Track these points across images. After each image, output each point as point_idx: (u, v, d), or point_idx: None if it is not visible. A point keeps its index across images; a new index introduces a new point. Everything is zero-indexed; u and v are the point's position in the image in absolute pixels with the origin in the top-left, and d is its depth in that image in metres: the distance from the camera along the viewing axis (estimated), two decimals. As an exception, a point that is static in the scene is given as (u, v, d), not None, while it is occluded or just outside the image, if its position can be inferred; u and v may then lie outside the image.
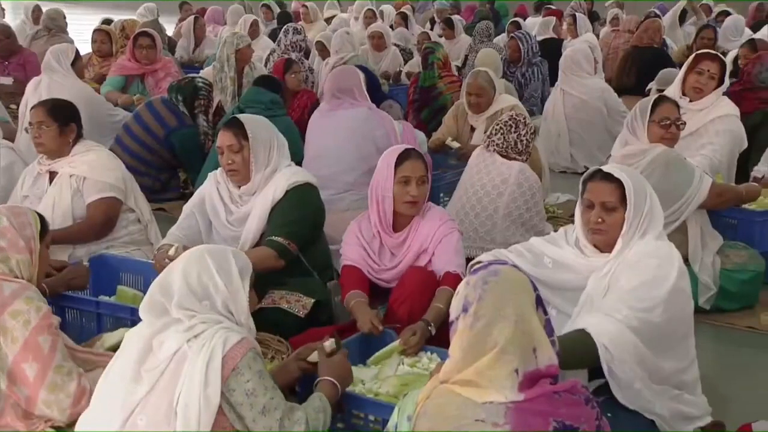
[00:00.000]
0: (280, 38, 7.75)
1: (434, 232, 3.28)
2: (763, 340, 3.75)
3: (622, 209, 2.70)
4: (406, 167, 3.26)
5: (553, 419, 1.91)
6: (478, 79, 5.45)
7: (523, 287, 2.00)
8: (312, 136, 5.06)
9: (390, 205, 3.30)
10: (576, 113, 6.70)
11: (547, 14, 11.17)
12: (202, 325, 2.23)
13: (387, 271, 3.34)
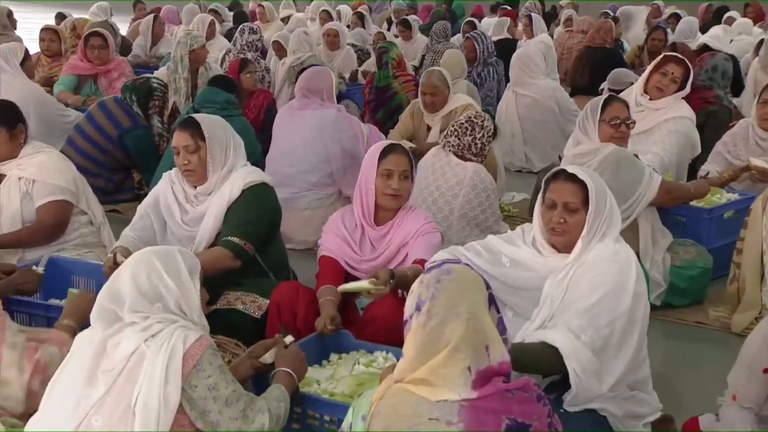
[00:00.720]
0: (236, 38, 7.70)
1: (417, 229, 3.30)
2: (712, 335, 3.83)
3: (584, 211, 2.70)
4: (390, 160, 3.28)
5: (506, 417, 1.93)
6: (432, 78, 5.48)
7: (475, 286, 2.02)
8: (279, 133, 5.11)
9: (372, 197, 3.31)
10: (529, 113, 6.77)
11: (503, 15, 11.27)
12: (159, 324, 2.22)
13: (366, 262, 3.34)
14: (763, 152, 4.66)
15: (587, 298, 2.60)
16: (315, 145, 4.93)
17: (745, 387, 2.54)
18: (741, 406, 2.53)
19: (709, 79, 5.62)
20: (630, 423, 2.73)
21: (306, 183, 4.94)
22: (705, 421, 2.63)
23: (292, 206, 4.91)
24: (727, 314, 3.86)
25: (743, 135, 4.78)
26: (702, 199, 4.41)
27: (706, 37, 7.70)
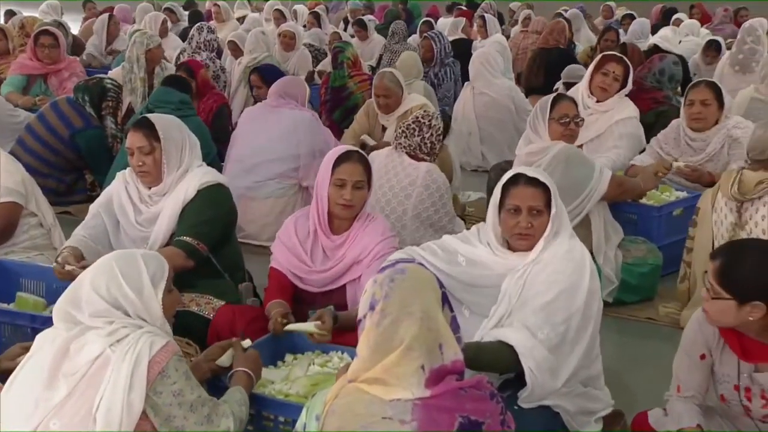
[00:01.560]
0: (192, 36, 7.63)
1: (373, 247, 3.17)
2: (662, 331, 3.90)
3: (546, 212, 2.73)
4: (343, 170, 3.16)
5: (459, 415, 1.95)
6: (384, 80, 5.50)
7: (428, 285, 2.03)
8: (251, 127, 5.17)
9: (325, 206, 3.21)
10: (486, 112, 6.83)
11: (458, 15, 11.35)
12: (125, 329, 2.21)
13: (317, 273, 3.23)
14: (693, 152, 4.77)
15: (543, 296, 2.63)
16: (287, 140, 5.04)
17: (686, 375, 2.59)
18: (685, 397, 2.58)
19: (657, 81, 5.74)
20: (582, 419, 2.77)
21: (270, 172, 5.02)
22: (654, 415, 2.67)
23: (255, 194, 5.01)
24: (677, 310, 3.93)
25: (674, 135, 4.87)
26: (651, 196, 4.49)
27: (656, 38, 7.85)
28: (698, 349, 2.56)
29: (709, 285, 2.40)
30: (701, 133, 4.74)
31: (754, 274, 2.33)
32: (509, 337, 2.61)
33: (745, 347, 2.44)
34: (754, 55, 6.75)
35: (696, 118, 4.71)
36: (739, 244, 2.58)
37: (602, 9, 13.14)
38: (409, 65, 6.92)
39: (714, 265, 2.39)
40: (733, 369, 2.49)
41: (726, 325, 2.43)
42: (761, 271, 2.34)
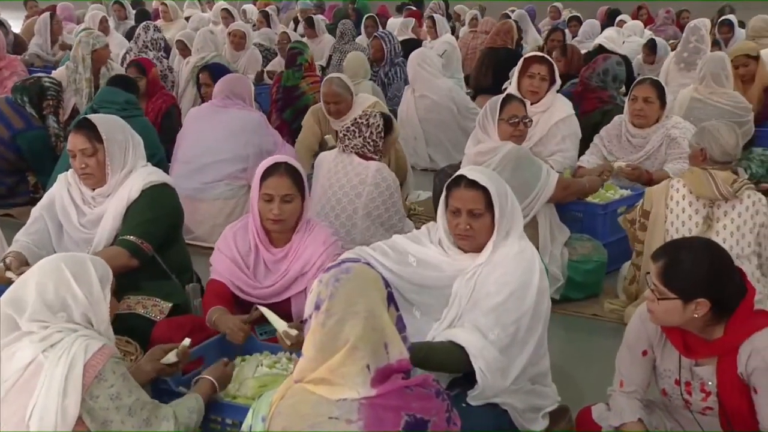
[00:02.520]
0: (139, 35, 7.53)
1: (316, 259, 3.12)
2: (607, 327, 3.95)
3: (488, 214, 2.74)
4: (270, 184, 3.08)
5: (405, 413, 1.96)
6: (333, 86, 5.46)
7: (374, 284, 2.03)
8: (198, 127, 5.11)
9: (258, 221, 3.15)
10: (428, 114, 6.86)
11: (408, 15, 11.38)
12: (59, 334, 2.17)
13: (261, 288, 3.17)
14: (633, 149, 4.87)
15: (494, 297, 2.65)
16: (235, 141, 5.01)
17: (628, 370, 2.63)
18: (628, 392, 2.62)
19: (602, 81, 5.84)
20: (530, 416, 2.80)
21: (219, 173, 4.99)
22: (597, 410, 2.71)
23: (203, 196, 4.98)
24: (622, 307, 3.99)
25: (617, 131, 4.98)
26: (596, 194, 4.56)
27: (601, 38, 7.98)
28: (640, 345, 2.61)
29: (653, 286, 2.43)
30: (642, 131, 4.85)
31: (695, 272, 2.38)
32: (460, 338, 2.62)
33: (687, 343, 2.48)
34: (698, 54, 6.91)
35: (638, 114, 4.81)
36: (678, 243, 2.61)
37: (550, 10, 13.32)
38: (356, 65, 6.92)
39: (657, 267, 2.43)
40: (674, 364, 2.54)
41: (672, 324, 2.46)
42: (701, 268, 2.38)
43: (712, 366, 2.47)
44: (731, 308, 2.41)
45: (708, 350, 2.46)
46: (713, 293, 2.37)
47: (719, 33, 9.30)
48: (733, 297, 2.41)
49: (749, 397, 2.41)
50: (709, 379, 2.48)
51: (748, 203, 3.59)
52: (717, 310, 2.39)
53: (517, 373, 2.68)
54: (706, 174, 3.63)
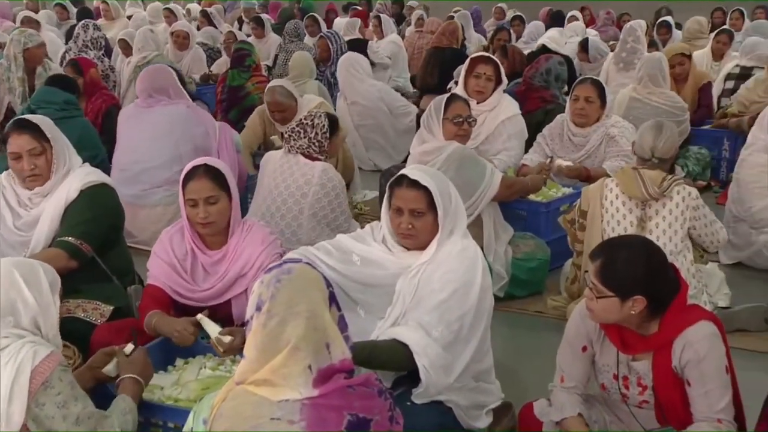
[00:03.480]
0: (78, 34, 7.39)
1: (255, 259, 3.09)
2: (550, 323, 4.01)
3: (430, 213, 2.74)
4: (191, 188, 3.04)
5: (348, 413, 1.96)
6: (276, 96, 5.44)
7: (315, 284, 2.03)
8: (126, 131, 5.00)
9: (189, 225, 3.12)
10: (362, 120, 6.89)
11: (354, 15, 11.39)
12: (5, 339, 2.13)
13: (200, 291, 3.13)
14: (575, 147, 4.97)
15: (438, 294, 2.66)
16: (166, 142, 4.90)
17: (569, 366, 2.68)
18: (568, 387, 2.67)
19: (544, 81, 5.93)
20: (474, 413, 2.83)
21: (157, 179, 4.91)
22: (538, 406, 2.74)
23: (143, 203, 4.90)
24: (564, 303, 4.05)
25: (559, 130, 5.07)
26: (540, 193, 4.63)
27: (544, 39, 8.11)
28: (580, 342, 2.65)
29: (591, 285, 2.48)
30: (583, 129, 4.95)
31: (631, 270, 2.42)
32: (404, 336, 2.63)
33: (624, 339, 2.53)
34: (635, 54, 7.08)
35: (579, 113, 4.91)
36: (614, 242, 2.65)
37: (495, 11, 13.45)
38: (301, 65, 6.90)
39: (594, 266, 2.47)
40: (612, 359, 2.59)
41: (611, 322, 2.51)
42: (638, 266, 2.43)
43: (648, 361, 2.53)
44: (666, 304, 2.47)
45: (644, 345, 2.52)
46: (649, 290, 2.42)
47: (657, 34, 9.52)
48: (668, 293, 2.47)
49: (683, 390, 2.47)
50: (645, 373, 2.54)
51: (678, 200, 3.68)
52: (652, 307, 2.45)
53: (460, 370, 2.70)
54: (636, 174, 3.71)
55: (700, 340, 2.42)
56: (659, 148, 3.76)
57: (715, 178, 6.18)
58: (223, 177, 3.09)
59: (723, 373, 2.43)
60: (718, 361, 2.43)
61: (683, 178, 3.97)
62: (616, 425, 2.71)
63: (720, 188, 5.98)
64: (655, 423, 2.61)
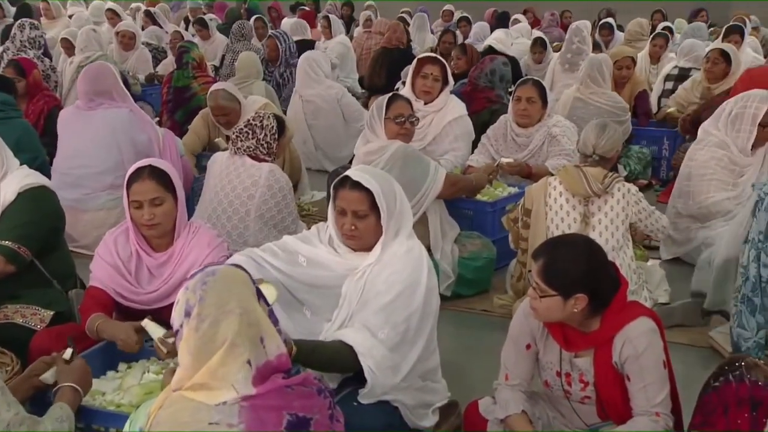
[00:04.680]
0: (15, 34, 7.22)
1: (202, 261, 3.04)
2: (496, 322, 4.03)
3: (373, 214, 2.73)
4: (135, 190, 3.01)
5: (287, 412, 1.94)
6: (218, 100, 5.40)
7: (242, 281, 2.01)
8: (66, 134, 4.90)
9: (134, 227, 3.09)
10: (316, 120, 6.88)
11: (301, 15, 11.35)
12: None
13: (145, 294, 3.09)
14: (518, 147, 5.04)
15: (384, 296, 2.66)
16: (108, 145, 4.82)
17: (513, 363, 2.70)
18: (512, 385, 2.69)
19: (489, 81, 6.00)
20: (420, 412, 2.83)
21: (100, 184, 4.83)
22: (483, 404, 2.76)
23: (85, 207, 4.82)
24: (510, 302, 4.09)
25: (503, 131, 5.14)
26: (485, 192, 4.67)
27: (491, 40, 8.20)
28: (524, 339, 2.67)
29: (535, 284, 2.50)
30: (526, 130, 5.02)
31: (573, 269, 2.45)
32: (349, 337, 2.63)
33: (567, 337, 2.56)
34: (580, 55, 7.20)
35: (522, 114, 4.98)
36: (556, 242, 2.68)
37: (443, 12, 13.56)
38: (247, 66, 6.85)
39: (537, 265, 2.49)
40: (555, 356, 2.62)
41: (554, 320, 2.54)
42: (579, 265, 2.46)
43: (589, 357, 2.56)
44: (607, 302, 2.50)
45: (586, 342, 2.55)
46: (591, 288, 2.45)
47: (600, 35, 9.68)
48: (609, 291, 2.50)
49: (623, 385, 2.51)
50: (587, 369, 2.57)
51: (619, 196, 3.76)
52: (594, 304, 2.48)
53: (407, 371, 2.70)
54: (579, 171, 3.78)
55: (639, 336, 2.46)
56: (601, 146, 3.85)
57: (656, 176, 6.31)
58: (169, 178, 3.05)
59: (661, 368, 2.48)
60: (656, 357, 2.47)
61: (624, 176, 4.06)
62: (559, 421, 2.74)
63: (660, 187, 6.11)
64: (596, 418, 2.65)
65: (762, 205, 3.34)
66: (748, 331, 3.38)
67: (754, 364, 2.33)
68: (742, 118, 4.46)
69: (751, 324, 3.38)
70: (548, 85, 7.22)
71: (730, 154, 4.49)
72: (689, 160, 4.67)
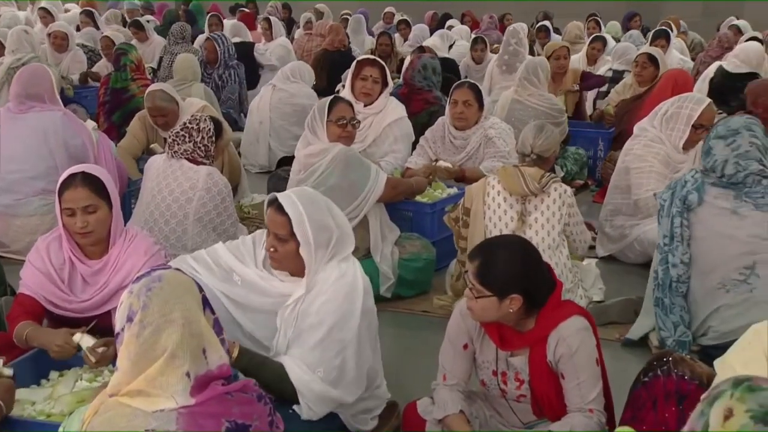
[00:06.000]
0: (-62, 34, 7.03)
1: (138, 269, 2.94)
2: (436, 322, 4.03)
3: (294, 241, 2.64)
4: (67, 198, 2.94)
5: (226, 419, 1.94)
6: (155, 101, 5.33)
7: (188, 290, 2.00)
8: None
9: (67, 235, 3.01)
10: (281, 105, 6.83)
11: (241, 17, 11.27)
12: None
13: (79, 302, 3.01)
14: (456, 150, 5.10)
15: (316, 331, 2.61)
16: (40, 149, 4.70)
17: (450, 364, 2.72)
18: (450, 385, 2.71)
19: (423, 78, 6.06)
20: (361, 417, 2.85)
21: (32, 189, 4.71)
22: (422, 405, 2.77)
23: (18, 212, 4.70)
24: (450, 302, 4.12)
25: (441, 133, 5.20)
26: (425, 193, 4.70)
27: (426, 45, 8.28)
28: (461, 340, 2.70)
29: (471, 285, 2.53)
30: (463, 132, 5.09)
31: (507, 269, 2.49)
32: (290, 369, 2.59)
33: (503, 336, 2.60)
34: (517, 57, 7.32)
35: (458, 117, 5.05)
36: (491, 243, 2.71)
37: (384, 15, 13.60)
38: (185, 68, 6.78)
39: (473, 266, 2.52)
40: (491, 356, 2.66)
41: (490, 320, 2.57)
42: (513, 265, 2.50)
43: (525, 356, 2.60)
44: (542, 301, 2.54)
45: (521, 342, 2.59)
46: (525, 288, 2.49)
47: (537, 38, 9.86)
48: (543, 291, 2.55)
49: (557, 383, 2.55)
50: (522, 368, 2.61)
51: (555, 196, 3.84)
52: (529, 304, 2.52)
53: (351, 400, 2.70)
54: (517, 171, 3.85)
55: (573, 335, 2.51)
56: (538, 145, 3.94)
57: (592, 177, 6.44)
58: (103, 185, 2.98)
59: (594, 365, 2.53)
60: (589, 354, 2.52)
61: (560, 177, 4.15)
62: (496, 419, 2.78)
63: (596, 187, 6.24)
64: (531, 416, 2.69)
65: (663, 212, 3.53)
66: (666, 331, 3.50)
67: (681, 359, 2.41)
68: (677, 118, 4.59)
69: (667, 324, 3.50)
70: (487, 86, 7.34)
71: (666, 149, 4.61)
72: (625, 155, 4.77)
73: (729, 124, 3.51)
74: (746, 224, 3.40)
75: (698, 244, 3.48)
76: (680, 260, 3.47)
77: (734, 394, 1.41)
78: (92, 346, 2.64)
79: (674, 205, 3.50)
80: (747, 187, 3.42)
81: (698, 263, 3.48)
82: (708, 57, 8.14)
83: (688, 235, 3.48)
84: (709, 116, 4.55)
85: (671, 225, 3.50)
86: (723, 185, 3.46)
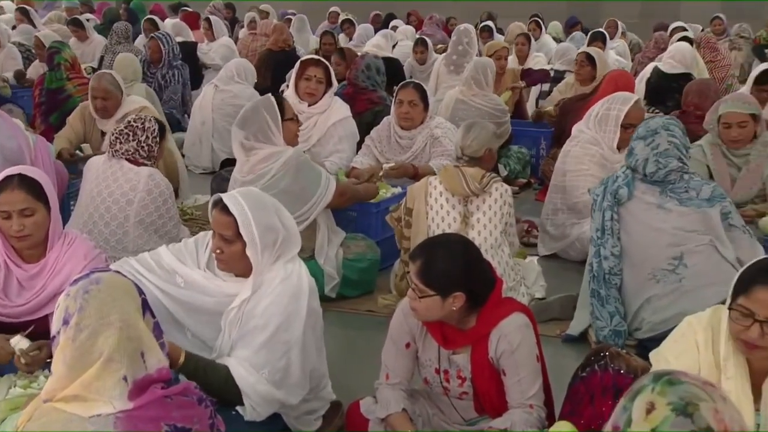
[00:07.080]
0: None
1: (78, 273, 2.80)
2: (381, 322, 4.02)
3: (241, 241, 2.62)
4: (3, 200, 2.86)
5: (165, 423, 1.93)
6: (102, 82, 5.29)
7: (127, 293, 1.98)
8: None
9: (3, 238, 2.94)
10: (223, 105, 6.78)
11: (184, 17, 11.14)
12: None
13: (14, 307, 2.95)
14: (402, 149, 5.14)
15: (261, 332, 2.60)
16: None
17: (393, 363, 2.74)
18: (393, 384, 2.72)
19: (367, 78, 6.08)
20: (305, 418, 2.85)
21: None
22: (365, 404, 2.79)
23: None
24: (394, 301, 4.12)
25: (386, 133, 5.23)
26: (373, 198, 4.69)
27: (369, 46, 8.31)
28: (404, 338, 2.72)
29: (413, 285, 2.54)
30: (408, 132, 5.13)
31: (449, 267, 2.51)
32: (234, 371, 2.58)
33: (445, 335, 2.62)
34: (465, 57, 7.39)
35: (404, 117, 5.10)
36: (432, 242, 2.72)
37: (329, 14, 13.59)
38: (124, 67, 6.67)
39: (415, 266, 2.53)
40: (434, 354, 2.67)
41: (433, 319, 2.58)
42: (454, 263, 2.52)
43: (467, 354, 2.62)
44: (483, 299, 2.57)
45: (463, 339, 2.61)
46: (468, 286, 2.51)
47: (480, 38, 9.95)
48: (485, 288, 2.57)
49: (499, 380, 2.59)
50: (464, 366, 2.63)
51: (496, 195, 3.89)
52: (471, 302, 2.54)
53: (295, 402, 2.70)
54: (458, 171, 3.89)
55: (513, 332, 2.54)
56: (467, 146, 3.98)
57: (535, 175, 6.53)
58: (40, 187, 2.91)
59: (534, 362, 2.57)
60: (529, 351, 2.56)
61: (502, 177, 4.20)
62: (439, 417, 2.80)
63: (539, 185, 6.33)
64: (473, 413, 2.72)
65: (596, 206, 3.68)
66: (602, 321, 3.60)
67: (617, 353, 2.46)
68: (607, 119, 4.69)
69: (603, 314, 3.61)
70: (432, 86, 7.39)
71: (602, 151, 4.70)
72: (564, 157, 4.86)
73: (649, 125, 3.66)
74: (672, 218, 3.55)
75: (629, 236, 3.61)
76: (611, 252, 3.60)
77: (655, 388, 1.44)
78: (25, 350, 2.58)
79: (605, 200, 3.64)
80: (671, 184, 3.59)
81: (630, 255, 3.61)
82: (645, 58, 8.37)
83: (618, 228, 3.62)
84: (636, 115, 4.63)
85: (602, 218, 3.63)
86: (649, 182, 3.61)
